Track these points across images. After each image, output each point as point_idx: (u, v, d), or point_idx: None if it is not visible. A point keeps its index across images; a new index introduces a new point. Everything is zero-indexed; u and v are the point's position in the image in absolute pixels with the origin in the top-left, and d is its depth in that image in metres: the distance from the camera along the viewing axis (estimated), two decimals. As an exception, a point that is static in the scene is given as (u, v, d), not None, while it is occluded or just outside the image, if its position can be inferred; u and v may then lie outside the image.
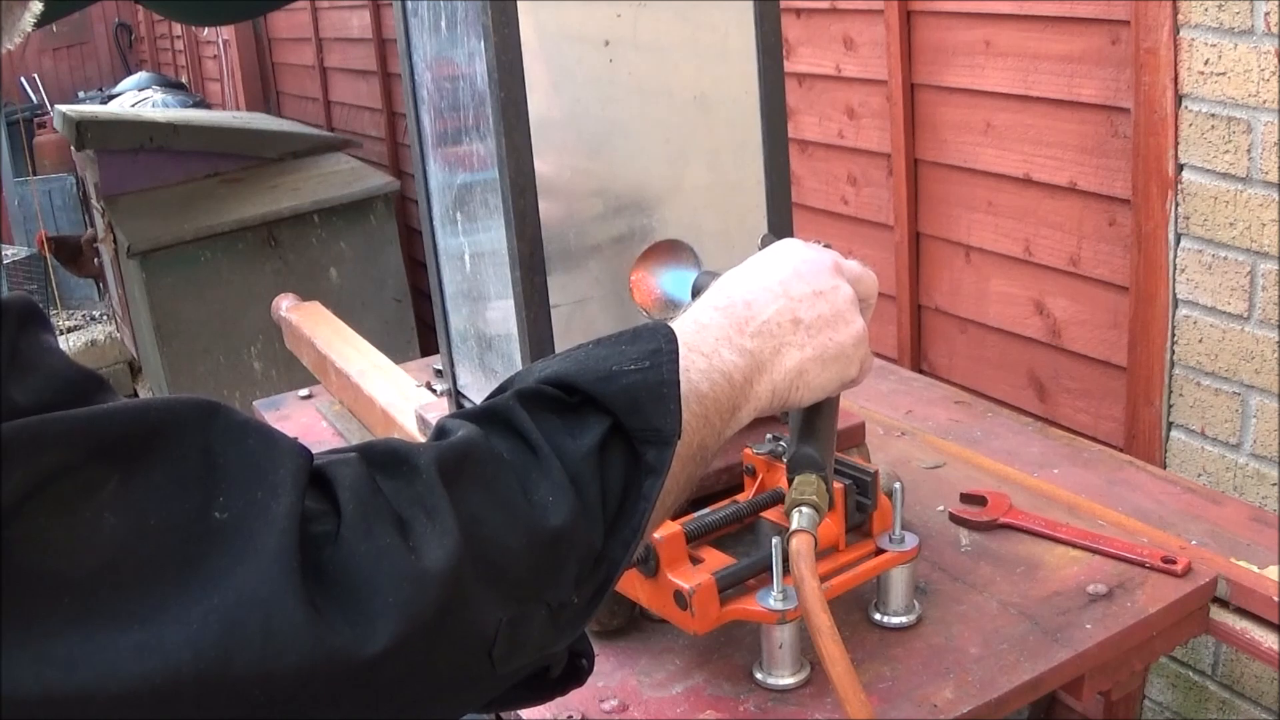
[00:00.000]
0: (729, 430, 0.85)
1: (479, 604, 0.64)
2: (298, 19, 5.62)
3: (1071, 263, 2.03)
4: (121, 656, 0.54)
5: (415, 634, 0.60)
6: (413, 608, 0.60)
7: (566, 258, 1.33)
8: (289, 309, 2.24)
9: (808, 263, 0.93)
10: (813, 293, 0.90)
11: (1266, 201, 1.65)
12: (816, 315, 0.90)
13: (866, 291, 0.97)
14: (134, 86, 7.64)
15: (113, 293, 5.06)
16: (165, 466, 0.58)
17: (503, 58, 1.24)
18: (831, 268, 0.93)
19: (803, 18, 2.52)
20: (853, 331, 0.92)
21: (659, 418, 0.74)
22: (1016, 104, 2.06)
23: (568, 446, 0.71)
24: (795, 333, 0.88)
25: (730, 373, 0.84)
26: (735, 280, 0.92)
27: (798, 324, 0.89)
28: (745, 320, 0.87)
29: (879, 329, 2.49)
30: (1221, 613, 1.29)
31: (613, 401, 0.73)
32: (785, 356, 0.88)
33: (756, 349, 0.86)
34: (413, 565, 0.61)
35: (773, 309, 0.89)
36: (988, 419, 1.76)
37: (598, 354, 0.77)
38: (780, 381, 0.87)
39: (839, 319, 0.91)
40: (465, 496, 0.65)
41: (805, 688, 1.16)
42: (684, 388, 0.78)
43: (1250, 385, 1.73)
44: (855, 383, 0.95)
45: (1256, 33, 1.60)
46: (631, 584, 1.19)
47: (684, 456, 0.77)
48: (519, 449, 0.70)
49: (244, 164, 4.47)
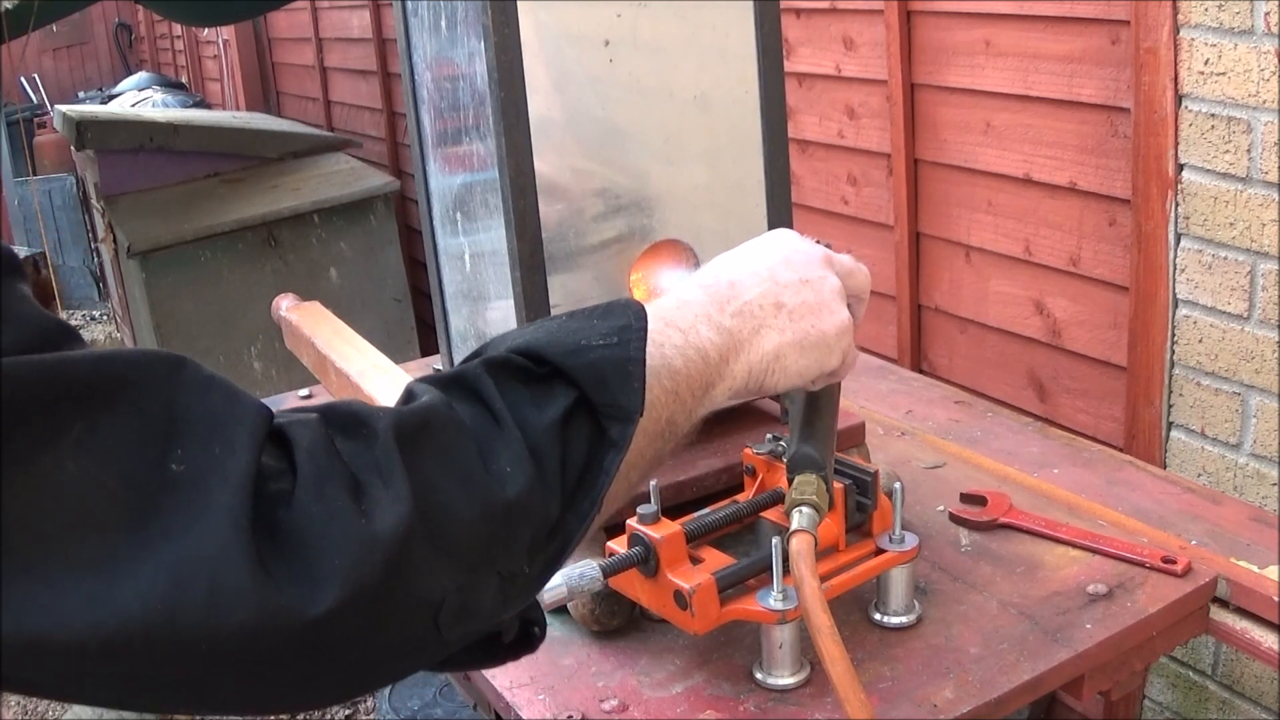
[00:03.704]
0: (702, 408, 0.86)
1: (428, 570, 0.65)
2: (298, 19, 5.62)
3: (1071, 263, 2.03)
4: (72, 605, 0.54)
5: (361, 597, 0.60)
6: (360, 570, 0.60)
7: (566, 258, 1.33)
8: (289, 309, 2.24)
9: (798, 251, 0.94)
10: (799, 280, 0.92)
11: (1266, 201, 1.65)
12: (800, 302, 0.91)
13: (858, 286, 0.97)
14: (134, 86, 7.64)
15: (113, 293, 5.06)
16: (129, 416, 0.58)
17: (503, 58, 1.24)
18: (821, 259, 0.95)
19: (803, 18, 2.52)
20: (836, 321, 0.92)
21: (623, 394, 0.74)
22: (1016, 104, 2.06)
23: (531, 417, 0.72)
24: (777, 316, 0.89)
25: (706, 350, 0.85)
26: (724, 262, 0.94)
27: (780, 308, 0.90)
28: (727, 299, 0.89)
29: (879, 329, 2.49)
30: (1221, 613, 1.29)
31: (579, 375, 0.74)
32: (764, 339, 0.89)
33: (735, 328, 0.87)
34: (363, 529, 0.61)
35: (756, 291, 0.90)
36: (988, 419, 1.76)
37: (569, 326, 0.78)
38: (757, 363, 0.88)
39: (823, 307, 0.92)
40: (421, 463, 0.65)
41: (805, 688, 1.16)
42: (656, 362, 0.79)
43: (1250, 385, 1.73)
44: (836, 375, 0.96)
45: (1256, 33, 1.60)
46: (631, 584, 1.19)
47: (650, 432, 0.78)
48: (481, 417, 0.70)
49: (244, 164, 4.47)
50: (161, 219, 3.99)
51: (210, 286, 3.93)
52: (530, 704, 1.18)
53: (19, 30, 3.83)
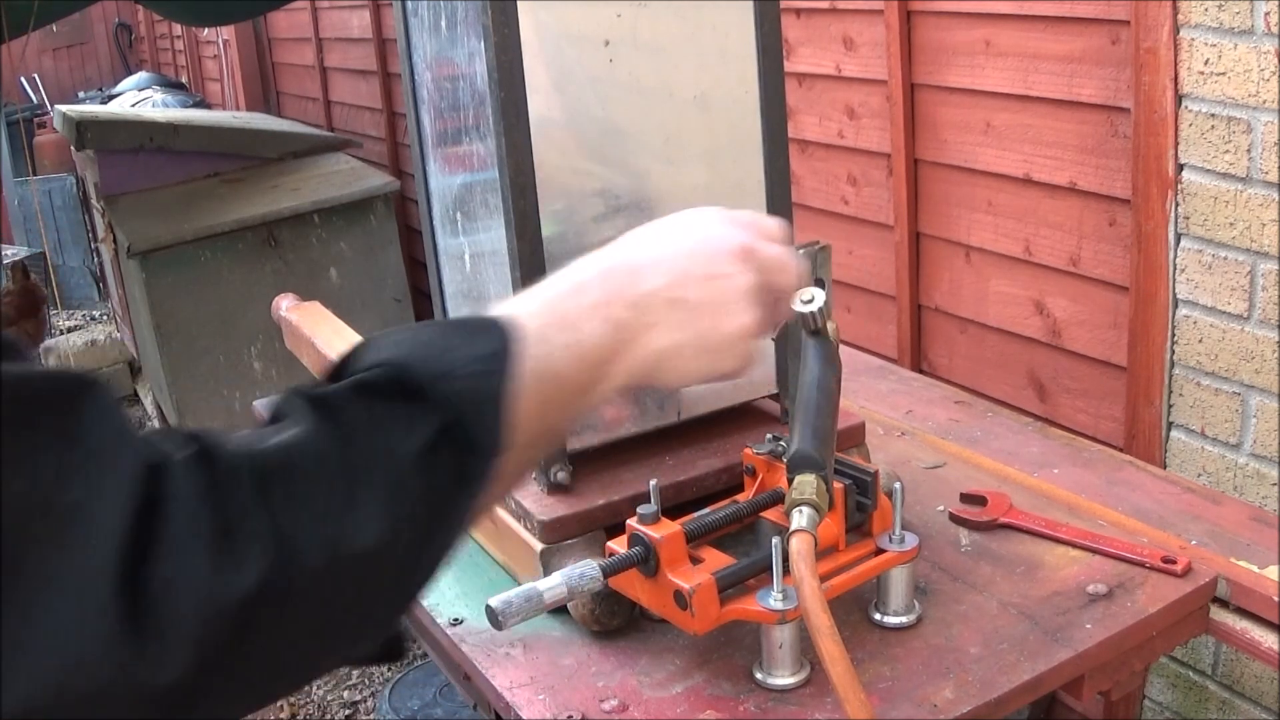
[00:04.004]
0: (586, 405, 0.83)
1: (283, 626, 0.64)
2: (298, 19, 5.62)
3: (1071, 263, 2.03)
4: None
5: (212, 658, 0.60)
6: (211, 631, 0.60)
7: (566, 258, 1.33)
8: (289, 309, 2.24)
9: (712, 241, 0.88)
10: (705, 275, 0.86)
11: (1266, 201, 1.65)
12: (703, 299, 0.85)
13: (782, 283, 0.90)
14: (134, 86, 7.63)
15: (113, 293, 5.06)
16: (33, 438, 0.58)
17: (503, 58, 1.24)
18: (736, 251, 0.87)
19: (803, 18, 2.52)
20: (737, 324, 0.86)
21: (485, 433, 0.73)
22: (1016, 104, 2.06)
23: (397, 447, 0.70)
24: (674, 312, 0.84)
25: (592, 350, 0.81)
26: (631, 241, 0.88)
27: (678, 304, 0.84)
28: (625, 286, 0.84)
29: (879, 329, 2.49)
30: (1221, 613, 1.29)
31: (444, 403, 0.72)
32: (656, 336, 0.83)
33: (628, 321, 0.83)
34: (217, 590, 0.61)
35: (658, 282, 0.84)
36: (988, 419, 1.76)
37: (443, 342, 0.76)
38: (643, 361, 0.83)
39: (726, 308, 0.85)
40: (279, 513, 0.65)
41: (805, 688, 1.16)
42: (539, 366, 0.77)
43: (1250, 385, 1.73)
44: (729, 377, 0.90)
45: (1256, 33, 1.60)
46: (631, 584, 1.19)
47: (522, 444, 0.76)
48: (345, 453, 0.69)
49: (244, 164, 4.47)
50: (161, 219, 3.99)
51: (210, 286, 3.93)
52: (530, 704, 1.18)
53: (19, 30, 3.82)
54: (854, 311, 2.56)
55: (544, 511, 1.32)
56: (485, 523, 1.45)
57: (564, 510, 1.32)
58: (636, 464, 1.39)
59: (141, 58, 9.77)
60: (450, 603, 1.39)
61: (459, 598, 1.40)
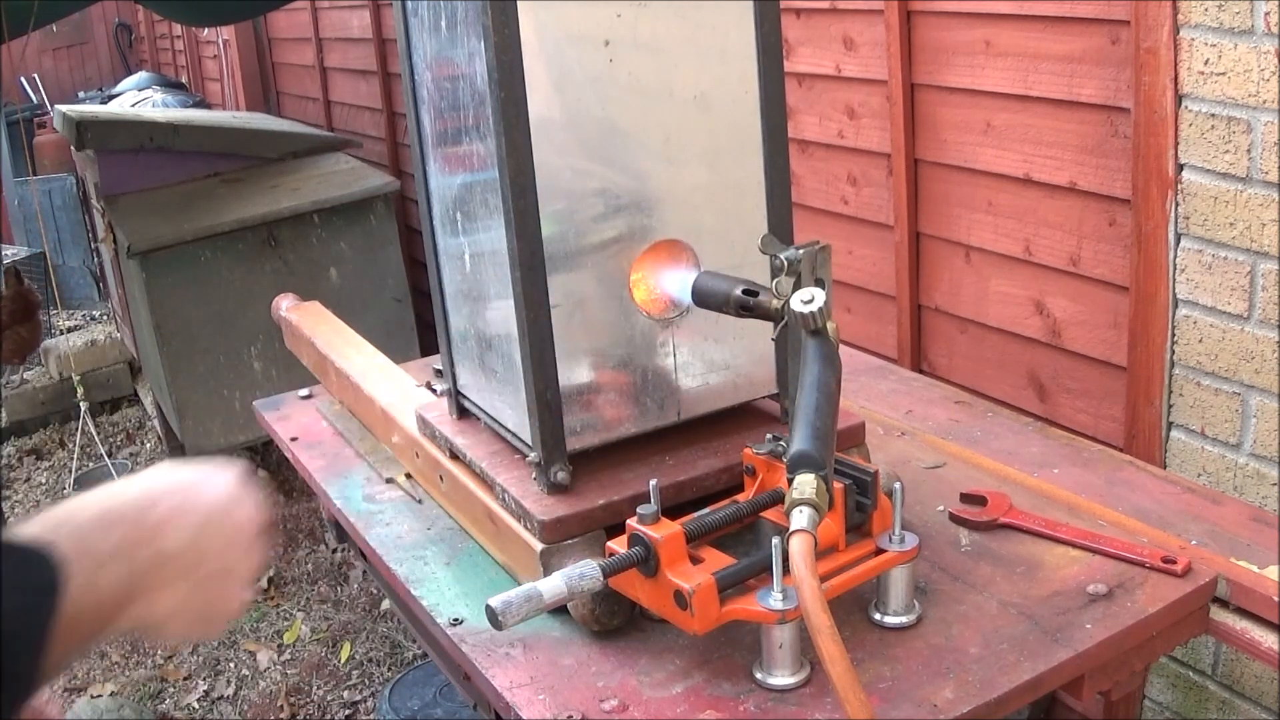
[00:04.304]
0: (83, 647, 0.84)
1: None
2: (298, 19, 5.63)
3: (1071, 263, 2.03)
4: None
5: None
6: None
7: (566, 258, 1.33)
8: (289, 309, 2.24)
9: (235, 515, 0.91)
10: (221, 549, 0.89)
11: (1266, 201, 1.65)
12: (211, 575, 0.88)
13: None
14: (134, 86, 7.63)
15: (113, 293, 5.06)
16: None
17: (503, 58, 1.24)
18: (256, 533, 0.92)
19: (803, 18, 2.52)
20: (238, 603, 0.91)
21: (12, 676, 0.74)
22: (1016, 104, 2.06)
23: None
24: (182, 581, 0.87)
25: (104, 601, 0.82)
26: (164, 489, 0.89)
27: (190, 573, 0.87)
28: (148, 539, 0.85)
29: (879, 329, 2.49)
30: (1221, 613, 1.29)
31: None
32: (162, 601, 0.86)
33: (140, 576, 0.84)
34: None
35: (178, 545, 0.86)
36: (988, 419, 1.76)
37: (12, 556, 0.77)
38: (144, 618, 0.86)
39: (230, 588, 0.90)
40: None
41: (805, 688, 1.16)
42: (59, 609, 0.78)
43: (1250, 385, 1.73)
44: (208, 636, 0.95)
45: (1256, 33, 1.60)
46: (631, 584, 1.19)
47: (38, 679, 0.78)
48: None
49: (244, 164, 4.47)
50: (161, 219, 3.99)
51: (210, 286, 3.93)
52: (530, 704, 1.18)
53: (19, 30, 3.82)
54: (854, 311, 2.56)
55: (544, 511, 1.32)
56: (485, 523, 1.45)
57: (564, 510, 1.32)
58: (636, 464, 1.40)
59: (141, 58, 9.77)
60: (450, 603, 1.39)
61: (459, 598, 1.40)
